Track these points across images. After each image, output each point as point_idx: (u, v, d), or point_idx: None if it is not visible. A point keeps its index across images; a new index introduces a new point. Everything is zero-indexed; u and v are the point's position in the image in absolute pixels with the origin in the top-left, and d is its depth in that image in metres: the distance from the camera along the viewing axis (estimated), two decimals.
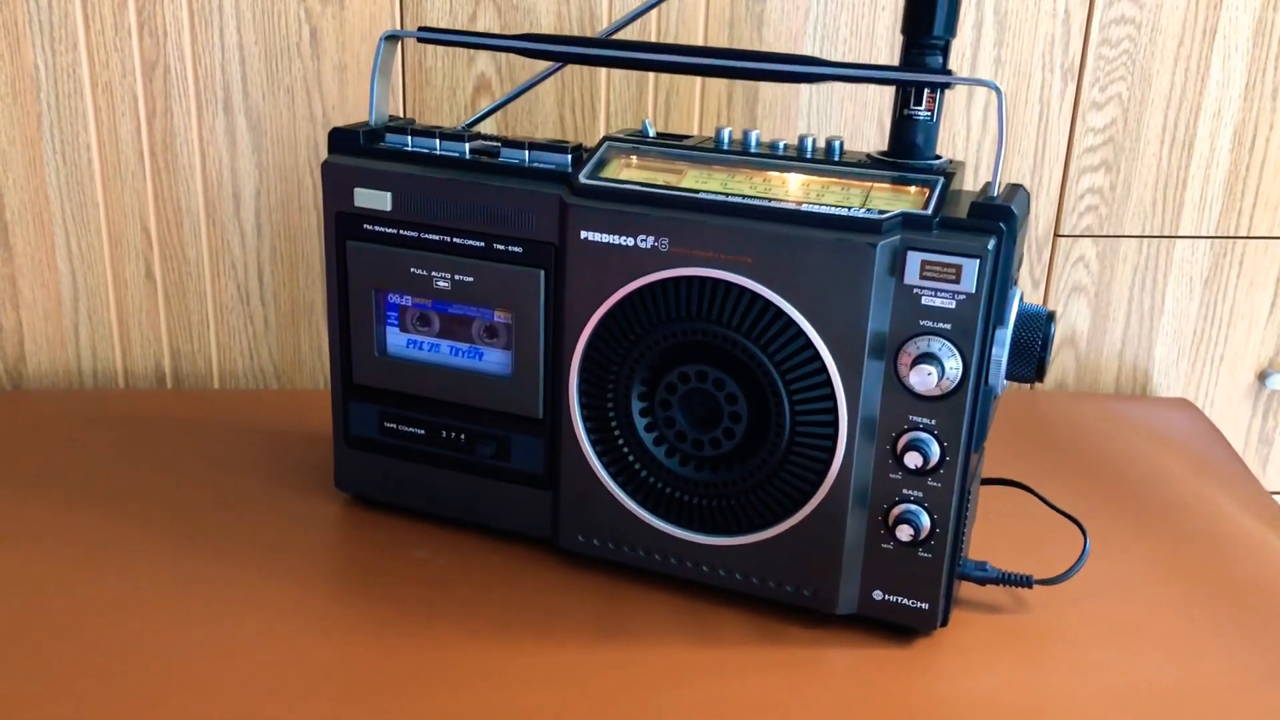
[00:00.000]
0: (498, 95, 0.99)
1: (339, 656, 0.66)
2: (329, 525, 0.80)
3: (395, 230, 0.74)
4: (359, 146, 0.74)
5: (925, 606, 0.68)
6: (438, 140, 0.73)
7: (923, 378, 0.63)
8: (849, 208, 0.64)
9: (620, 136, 0.72)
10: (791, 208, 0.65)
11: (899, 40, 0.69)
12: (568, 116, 1.02)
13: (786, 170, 0.68)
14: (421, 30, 0.74)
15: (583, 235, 0.68)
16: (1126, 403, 1.07)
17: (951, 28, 0.67)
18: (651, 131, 0.73)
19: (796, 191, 0.66)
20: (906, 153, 0.69)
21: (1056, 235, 1.07)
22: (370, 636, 0.68)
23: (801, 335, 0.65)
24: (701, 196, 0.66)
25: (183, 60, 0.98)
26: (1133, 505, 0.87)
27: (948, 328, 0.63)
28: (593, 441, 0.72)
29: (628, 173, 0.70)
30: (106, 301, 1.04)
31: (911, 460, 0.65)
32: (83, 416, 0.95)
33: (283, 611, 0.70)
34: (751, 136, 0.70)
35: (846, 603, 0.69)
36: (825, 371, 0.65)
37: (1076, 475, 0.91)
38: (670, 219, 0.66)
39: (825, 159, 0.69)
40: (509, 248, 0.71)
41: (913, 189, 0.65)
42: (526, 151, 0.71)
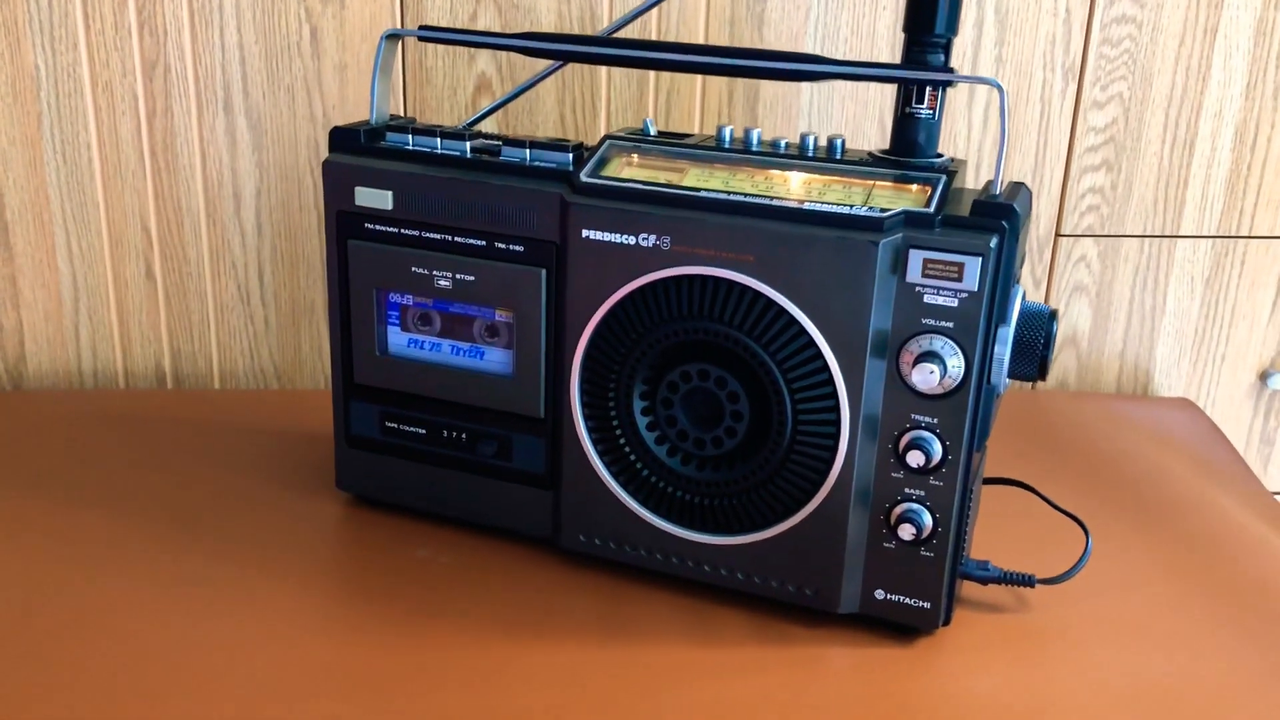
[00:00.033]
0: (498, 94, 0.99)
1: (340, 656, 0.66)
2: (330, 525, 0.80)
3: (396, 229, 0.74)
4: (360, 145, 0.74)
5: (927, 606, 0.68)
6: (439, 139, 0.73)
7: (925, 376, 0.63)
8: (851, 206, 0.64)
9: (622, 135, 0.72)
10: (793, 206, 0.64)
11: (900, 39, 0.69)
12: (568, 116, 1.01)
13: (788, 168, 0.68)
14: (422, 29, 0.74)
15: (584, 234, 0.68)
16: (1128, 403, 1.07)
17: (953, 26, 0.67)
18: (653, 130, 0.73)
19: (798, 190, 0.66)
20: (908, 151, 0.69)
21: (1058, 235, 1.07)
22: (371, 636, 0.68)
23: (804, 334, 0.65)
24: (703, 195, 0.66)
25: (183, 60, 0.97)
26: (1134, 505, 0.87)
27: (950, 326, 0.62)
28: (594, 441, 0.72)
29: (629, 171, 0.70)
30: (107, 301, 1.04)
31: (914, 459, 0.65)
32: (83, 417, 0.95)
33: (283, 611, 0.70)
34: (753, 135, 0.70)
35: (848, 602, 0.69)
36: (827, 370, 0.65)
37: (1078, 475, 0.91)
38: (672, 217, 0.66)
39: (827, 157, 0.68)
40: (510, 246, 0.71)
41: (915, 187, 0.65)
42: (528, 150, 0.71)
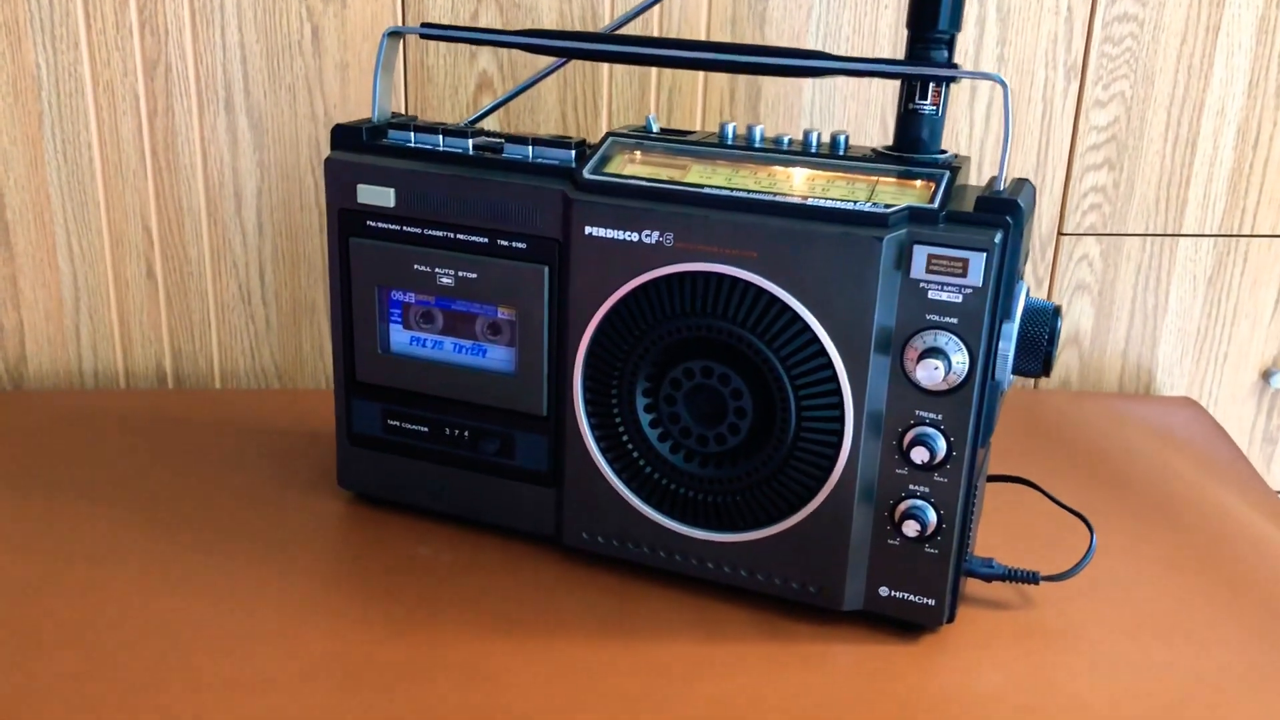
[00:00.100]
0: (500, 93, 0.99)
1: (342, 653, 0.66)
2: (332, 523, 0.80)
3: (398, 227, 0.73)
4: (362, 143, 0.74)
5: (931, 602, 0.67)
6: (441, 136, 0.73)
7: (929, 372, 0.63)
8: (854, 202, 0.64)
9: (624, 132, 0.72)
10: (797, 202, 0.64)
11: (902, 38, 0.69)
12: (570, 115, 1.01)
13: (791, 165, 0.68)
14: (424, 26, 0.74)
15: (587, 231, 0.68)
16: (1130, 401, 1.07)
17: (956, 22, 0.67)
18: (655, 127, 0.73)
19: (802, 186, 0.66)
20: (912, 147, 0.68)
21: (1060, 234, 1.06)
22: (373, 633, 0.68)
23: (807, 330, 0.65)
24: (706, 191, 0.66)
25: (184, 59, 0.97)
26: (1137, 503, 0.87)
27: (954, 322, 0.62)
28: (597, 438, 0.72)
29: (632, 168, 0.69)
30: (108, 301, 1.04)
31: (918, 455, 0.64)
32: (84, 417, 0.95)
33: (285, 608, 0.70)
34: (756, 131, 0.70)
35: (852, 599, 0.69)
36: (831, 366, 0.65)
37: (1081, 474, 0.91)
38: (675, 214, 0.66)
39: (830, 153, 0.68)
40: (513, 244, 0.71)
41: (919, 183, 0.65)
42: (530, 147, 0.71)
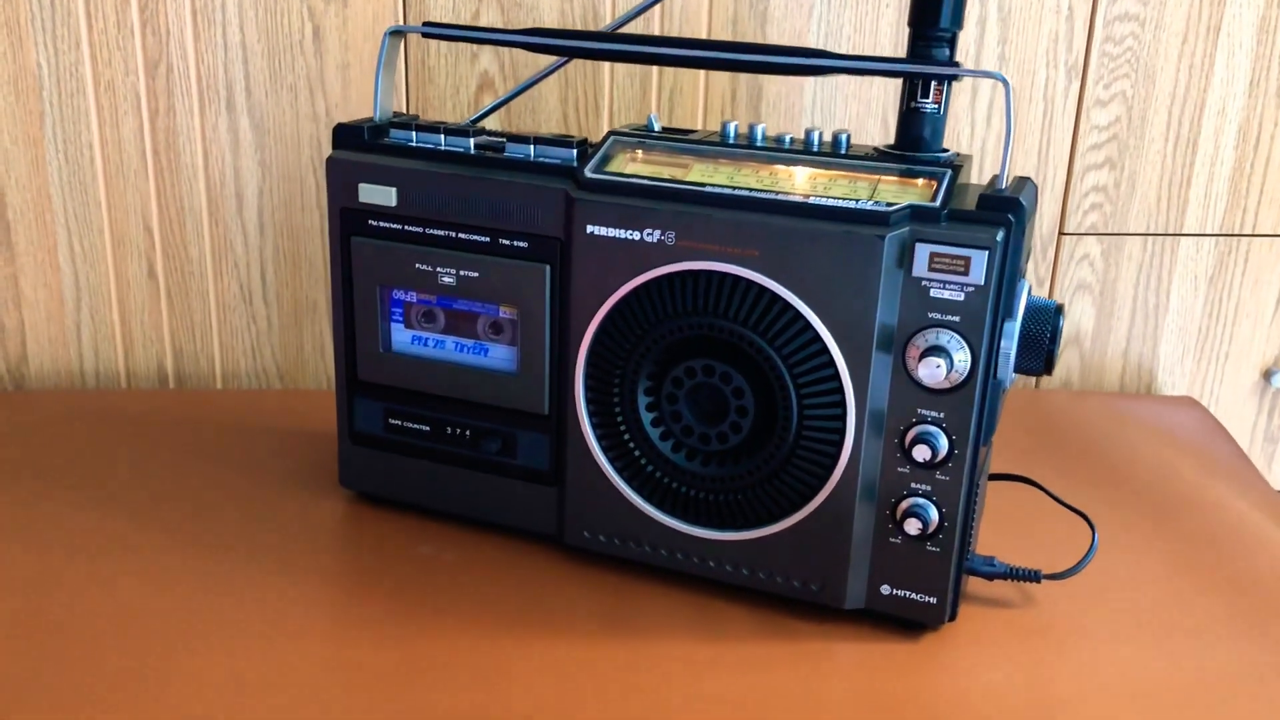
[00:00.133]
0: (501, 92, 0.99)
1: (343, 653, 0.66)
2: (333, 522, 0.80)
3: (400, 226, 0.73)
4: (364, 142, 0.74)
5: (933, 601, 0.67)
6: (443, 135, 0.73)
7: (931, 370, 0.63)
8: (856, 200, 0.64)
9: (626, 131, 0.72)
10: (798, 200, 0.64)
11: (903, 37, 0.69)
12: (571, 114, 1.01)
13: (793, 163, 0.68)
14: (426, 25, 0.74)
15: (588, 230, 0.68)
16: (1131, 401, 1.07)
17: (958, 20, 0.67)
18: (657, 126, 0.73)
19: (803, 184, 0.66)
20: (914, 146, 0.69)
21: (1061, 233, 1.06)
22: (375, 632, 0.68)
23: (809, 329, 0.65)
24: (708, 190, 0.66)
25: (185, 59, 0.97)
26: (1138, 502, 0.87)
27: (956, 320, 0.62)
28: (599, 437, 0.72)
29: (633, 167, 0.69)
30: (109, 301, 1.04)
31: (920, 453, 0.64)
32: (85, 417, 0.95)
33: (287, 608, 0.70)
34: (757, 130, 0.70)
35: (854, 597, 0.69)
36: (833, 365, 0.65)
37: (1082, 473, 0.91)
38: (676, 213, 0.66)
39: (832, 152, 0.68)
40: (514, 243, 0.71)
41: (920, 181, 0.65)
42: (532, 146, 0.71)
